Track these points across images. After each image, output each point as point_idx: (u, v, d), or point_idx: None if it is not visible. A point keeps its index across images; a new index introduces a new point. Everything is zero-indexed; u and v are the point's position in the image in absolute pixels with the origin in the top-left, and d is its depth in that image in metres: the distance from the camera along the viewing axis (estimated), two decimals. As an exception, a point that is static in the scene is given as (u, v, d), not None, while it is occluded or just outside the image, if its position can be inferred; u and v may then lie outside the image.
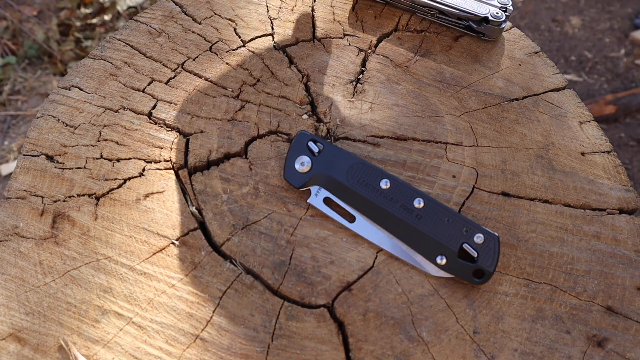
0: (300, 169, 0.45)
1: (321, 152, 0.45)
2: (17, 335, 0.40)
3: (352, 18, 0.59)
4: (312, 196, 0.45)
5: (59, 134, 0.50)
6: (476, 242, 0.41)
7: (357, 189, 0.43)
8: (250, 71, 0.55)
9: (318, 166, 0.44)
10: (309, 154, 0.45)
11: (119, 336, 0.40)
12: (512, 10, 0.56)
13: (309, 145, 0.45)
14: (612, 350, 0.40)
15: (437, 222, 0.42)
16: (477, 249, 0.41)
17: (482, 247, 0.41)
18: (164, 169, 0.48)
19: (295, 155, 0.45)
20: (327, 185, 0.44)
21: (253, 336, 0.40)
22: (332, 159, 0.44)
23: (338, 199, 0.44)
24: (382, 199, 0.43)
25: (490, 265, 0.41)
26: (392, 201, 0.42)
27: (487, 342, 0.40)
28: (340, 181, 0.43)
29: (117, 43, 0.57)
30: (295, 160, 0.45)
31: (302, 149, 0.45)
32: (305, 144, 0.45)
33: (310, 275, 0.42)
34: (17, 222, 0.45)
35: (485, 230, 0.41)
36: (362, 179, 0.43)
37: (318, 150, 0.45)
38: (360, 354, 0.39)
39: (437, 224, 0.42)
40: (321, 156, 0.45)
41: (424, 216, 0.42)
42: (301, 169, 0.45)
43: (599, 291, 0.42)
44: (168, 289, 0.42)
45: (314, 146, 0.45)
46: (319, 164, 0.44)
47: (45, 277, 0.43)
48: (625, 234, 0.45)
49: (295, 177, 0.45)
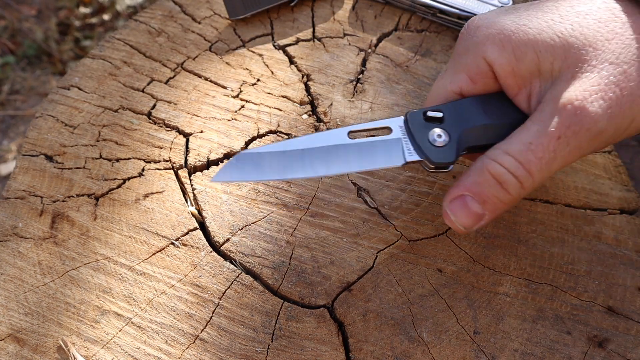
0: (441, 143, 0.37)
1: (445, 114, 0.38)
2: (16, 336, 0.40)
3: (352, 18, 0.59)
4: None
5: (58, 134, 0.50)
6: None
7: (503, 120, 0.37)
8: (250, 71, 0.54)
9: (456, 126, 0.37)
10: (436, 125, 0.37)
11: (118, 336, 0.40)
12: (512, 10, 0.56)
13: (428, 115, 0.37)
14: (613, 350, 0.39)
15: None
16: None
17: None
18: (163, 169, 0.48)
19: (425, 134, 0.37)
20: (478, 136, 0.37)
21: (253, 336, 0.40)
22: (461, 111, 0.38)
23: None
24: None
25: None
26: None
27: (488, 342, 0.40)
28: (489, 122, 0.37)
29: (117, 42, 0.57)
30: (429, 139, 0.37)
31: (424, 125, 0.37)
32: (422, 119, 0.37)
33: (310, 276, 0.42)
34: (16, 222, 0.45)
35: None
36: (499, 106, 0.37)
37: (442, 115, 0.37)
38: (361, 355, 0.39)
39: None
40: (449, 117, 0.37)
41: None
42: (441, 142, 0.37)
43: (600, 291, 0.42)
44: (167, 289, 0.42)
45: (435, 113, 0.37)
46: (454, 125, 0.37)
47: (44, 277, 0.43)
48: (626, 234, 0.45)
49: (445, 154, 0.37)
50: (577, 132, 0.31)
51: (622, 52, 0.31)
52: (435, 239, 0.44)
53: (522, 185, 0.34)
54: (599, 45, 0.31)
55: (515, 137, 0.34)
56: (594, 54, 0.31)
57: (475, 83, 0.37)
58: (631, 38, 0.31)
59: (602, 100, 0.31)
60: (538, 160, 0.33)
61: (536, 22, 0.34)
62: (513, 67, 0.34)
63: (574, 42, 0.32)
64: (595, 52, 0.31)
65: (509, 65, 0.34)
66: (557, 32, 0.33)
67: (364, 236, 0.44)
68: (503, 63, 0.34)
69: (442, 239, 0.44)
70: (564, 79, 0.32)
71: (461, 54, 0.37)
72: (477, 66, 0.36)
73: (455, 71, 0.37)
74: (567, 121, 0.31)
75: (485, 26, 0.36)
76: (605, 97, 0.31)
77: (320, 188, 0.46)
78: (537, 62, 0.33)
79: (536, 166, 0.33)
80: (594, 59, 0.31)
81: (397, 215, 0.45)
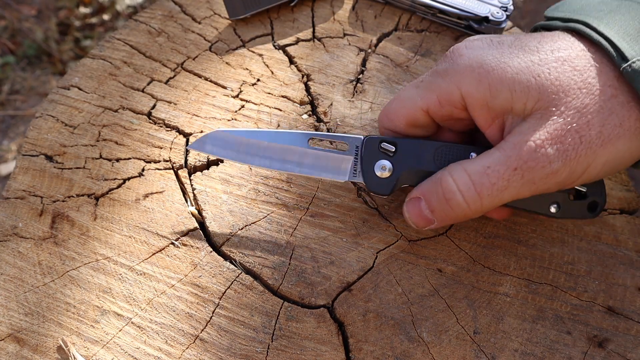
0: (382, 175, 0.40)
1: (397, 149, 0.40)
2: (16, 336, 0.40)
3: (352, 18, 0.59)
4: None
5: (58, 134, 0.50)
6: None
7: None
8: (250, 71, 0.54)
9: (401, 164, 0.40)
10: (385, 157, 0.41)
11: (118, 336, 0.40)
12: (512, 10, 0.56)
13: (382, 147, 0.40)
14: (613, 350, 0.39)
15: None
16: (584, 184, 0.40)
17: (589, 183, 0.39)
18: (163, 169, 0.48)
19: (372, 162, 0.41)
20: (417, 179, 0.40)
21: (253, 336, 0.40)
22: (412, 152, 0.40)
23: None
24: None
25: (601, 195, 0.40)
26: None
27: (488, 342, 0.40)
28: (431, 170, 0.40)
29: (117, 42, 0.57)
30: (373, 167, 0.40)
31: (375, 154, 0.41)
32: (377, 148, 0.41)
33: (310, 276, 0.42)
34: (16, 223, 0.45)
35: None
36: (451, 159, 0.40)
37: (394, 149, 0.40)
38: (361, 355, 0.39)
39: None
40: (399, 153, 0.40)
41: None
42: (383, 174, 0.40)
43: (600, 291, 0.42)
44: (168, 289, 0.42)
45: (388, 146, 0.40)
46: (400, 162, 0.40)
47: (44, 277, 0.43)
48: (626, 234, 0.45)
49: (381, 185, 0.40)
50: (532, 168, 0.34)
51: (590, 102, 0.33)
52: (435, 239, 0.44)
53: (469, 206, 0.36)
54: (570, 92, 0.33)
55: (478, 159, 0.36)
56: (565, 100, 0.33)
57: (443, 107, 0.38)
58: (600, 90, 0.33)
59: (561, 144, 0.33)
60: (491, 185, 0.35)
61: (517, 61, 0.35)
62: (487, 101, 0.36)
63: (549, 86, 0.34)
64: (565, 99, 0.33)
65: (483, 100, 0.36)
66: (534, 75, 0.34)
67: (364, 236, 0.44)
68: (478, 97, 0.36)
69: (442, 239, 0.44)
70: (534, 117, 0.34)
71: (440, 74, 0.38)
72: (449, 93, 0.37)
73: (429, 90, 0.38)
74: (526, 157, 0.34)
75: (468, 56, 0.37)
76: (565, 142, 0.33)
77: (320, 188, 0.46)
78: (510, 101, 0.35)
79: (488, 190, 0.35)
80: (563, 105, 0.33)
81: (397, 215, 0.45)
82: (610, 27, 0.35)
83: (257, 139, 0.42)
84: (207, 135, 0.42)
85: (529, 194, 0.35)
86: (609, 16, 0.35)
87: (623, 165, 0.35)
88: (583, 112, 0.33)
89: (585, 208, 0.40)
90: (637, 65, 0.33)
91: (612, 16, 0.35)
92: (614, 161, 0.34)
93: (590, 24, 0.35)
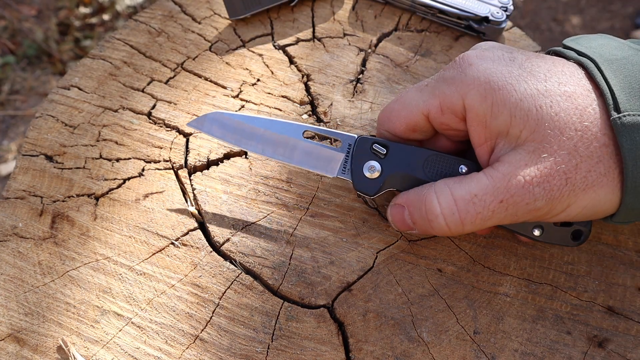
0: (371, 175, 0.41)
1: (388, 152, 0.41)
2: (16, 336, 0.40)
3: (352, 18, 0.59)
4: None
5: (58, 134, 0.50)
6: None
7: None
8: (250, 71, 0.54)
9: (389, 167, 0.41)
10: (375, 158, 0.41)
11: (118, 336, 0.40)
12: (512, 10, 0.56)
13: (374, 148, 0.41)
14: (613, 350, 0.39)
15: None
16: None
17: None
18: (163, 169, 0.48)
19: (362, 162, 0.41)
20: (403, 184, 0.41)
21: (253, 336, 0.40)
22: (402, 157, 0.41)
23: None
24: None
25: (586, 225, 0.40)
26: None
27: (488, 342, 0.40)
28: (418, 177, 0.40)
29: (117, 42, 0.57)
30: (362, 167, 0.41)
31: (366, 154, 0.41)
32: (369, 148, 0.41)
33: (310, 276, 0.42)
34: (16, 223, 0.45)
35: None
36: (440, 170, 0.40)
37: (385, 152, 0.41)
38: (361, 355, 0.39)
39: None
40: (390, 157, 0.41)
41: None
42: (372, 175, 0.41)
43: (600, 291, 0.42)
44: (168, 289, 0.42)
45: (380, 148, 0.41)
46: (389, 165, 0.41)
47: (44, 277, 0.43)
48: (626, 234, 0.45)
49: (368, 185, 0.41)
50: (517, 203, 0.34)
51: (582, 146, 0.33)
52: (435, 239, 0.44)
53: (450, 229, 0.36)
54: (566, 132, 0.33)
55: (466, 182, 0.36)
56: (559, 139, 0.33)
57: (443, 114, 0.38)
58: (594, 136, 0.33)
59: (548, 183, 0.33)
60: (475, 215, 0.35)
61: (524, 86, 0.35)
62: (487, 120, 0.35)
63: (548, 120, 0.34)
64: (560, 138, 0.33)
65: (483, 117, 0.36)
66: (537, 105, 0.34)
67: (364, 236, 0.44)
68: (479, 113, 0.36)
69: (442, 239, 0.44)
70: (526, 149, 0.34)
71: (446, 81, 0.38)
72: (452, 101, 0.37)
73: (432, 95, 0.38)
74: (513, 191, 0.34)
75: (477, 67, 0.36)
76: (552, 182, 0.33)
77: (320, 188, 0.46)
78: (508, 125, 0.35)
79: (471, 219, 0.35)
80: (557, 144, 0.33)
81: (397, 215, 0.45)
82: (616, 74, 0.34)
83: (253, 124, 0.43)
84: (207, 115, 0.43)
85: (509, 222, 0.36)
86: (620, 63, 0.35)
87: (601, 213, 0.35)
88: (574, 154, 0.33)
89: (569, 235, 0.40)
90: (627, 120, 0.32)
91: (622, 64, 0.35)
92: (593, 208, 0.35)
93: (600, 65, 0.35)
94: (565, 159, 0.33)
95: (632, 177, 0.33)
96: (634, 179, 0.33)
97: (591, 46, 0.37)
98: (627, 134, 0.32)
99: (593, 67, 0.35)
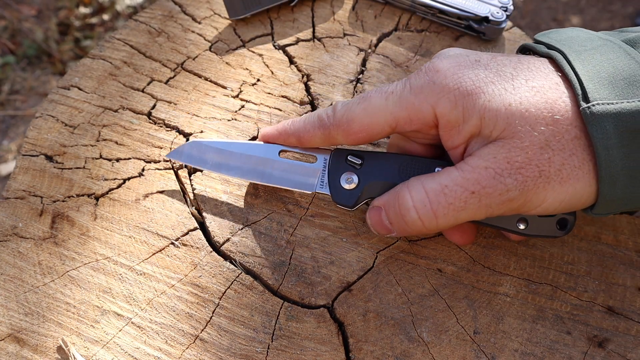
0: (348, 187, 0.41)
1: (363, 162, 0.41)
2: (16, 336, 0.40)
3: (352, 18, 0.59)
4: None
5: (58, 134, 0.50)
6: None
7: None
8: (250, 71, 0.54)
9: (366, 177, 0.41)
10: (351, 169, 0.41)
11: (118, 336, 0.40)
12: (512, 10, 0.56)
13: (349, 159, 0.41)
14: (613, 350, 0.39)
15: None
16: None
17: None
18: (163, 169, 0.48)
19: (338, 174, 0.41)
20: (381, 192, 0.41)
21: (253, 337, 0.40)
22: (378, 165, 0.41)
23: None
24: None
25: (572, 213, 0.39)
26: None
27: (488, 342, 0.40)
28: (395, 183, 0.40)
29: (117, 42, 0.57)
30: (339, 179, 0.41)
31: (342, 166, 0.42)
32: (344, 160, 0.42)
33: (310, 276, 0.42)
34: (16, 223, 0.45)
35: None
36: (416, 173, 0.40)
37: (360, 162, 0.41)
38: (361, 355, 0.39)
39: None
40: (365, 166, 0.41)
41: None
42: (349, 186, 0.41)
43: (600, 291, 0.42)
44: (167, 289, 0.42)
45: (355, 159, 0.41)
46: (366, 175, 0.41)
47: (44, 277, 0.43)
48: (626, 234, 0.45)
49: (346, 197, 0.41)
50: (490, 194, 0.34)
51: (553, 140, 0.33)
52: (435, 239, 0.44)
53: (423, 224, 0.36)
54: (536, 127, 0.33)
55: (437, 176, 0.36)
56: (530, 134, 0.33)
57: (412, 124, 0.37)
58: (565, 129, 0.33)
59: (520, 175, 0.33)
60: (447, 205, 0.35)
61: (491, 88, 0.35)
62: (459, 125, 0.35)
63: (517, 116, 0.33)
64: (531, 133, 0.33)
65: (455, 123, 0.36)
66: (505, 103, 0.34)
67: (364, 236, 0.44)
68: (451, 120, 0.36)
69: (442, 239, 0.44)
70: (497, 145, 0.34)
71: (414, 91, 0.37)
72: (422, 112, 0.37)
73: (400, 106, 0.37)
74: (484, 182, 0.34)
75: (445, 74, 0.36)
76: (525, 173, 0.33)
77: (320, 188, 0.46)
78: (479, 127, 0.35)
79: (443, 210, 0.35)
80: (528, 139, 0.33)
81: (397, 215, 0.45)
82: (584, 65, 0.34)
83: (231, 150, 0.44)
84: (184, 145, 0.45)
85: (485, 216, 0.36)
86: (588, 53, 0.35)
87: (581, 205, 0.35)
88: (546, 148, 0.33)
89: (554, 225, 0.40)
90: (596, 109, 0.32)
91: (591, 54, 0.35)
92: (571, 201, 0.34)
93: (568, 56, 0.35)
94: (537, 153, 0.33)
95: (606, 167, 0.32)
96: (608, 169, 0.32)
97: (561, 39, 0.37)
98: (596, 123, 0.32)
99: (561, 58, 0.35)
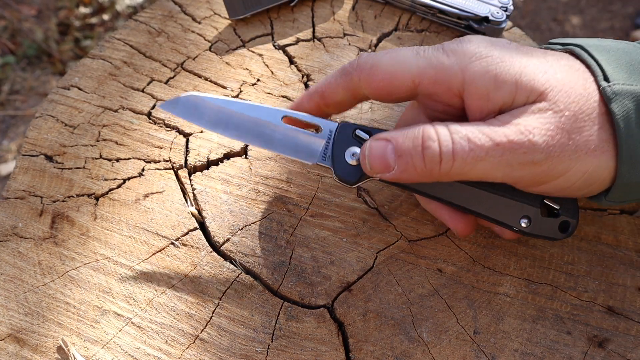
0: (353, 162, 0.38)
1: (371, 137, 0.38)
2: (16, 336, 0.40)
3: (352, 18, 0.59)
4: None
5: (58, 134, 0.50)
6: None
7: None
8: (250, 71, 0.54)
9: None
10: (358, 144, 0.39)
11: (118, 336, 0.40)
12: (512, 10, 0.56)
13: (356, 134, 0.39)
14: (613, 350, 0.39)
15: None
16: (557, 202, 0.39)
17: (561, 199, 0.38)
18: (163, 169, 0.48)
19: (343, 148, 0.39)
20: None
21: (253, 337, 0.40)
22: None
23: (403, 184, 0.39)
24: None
25: (574, 216, 0.39)
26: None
27: (488, 342, 0.40)
28: None
29: (117, 42, 0.57)
30: (344, 153, 0.39)
31: (348, 140, 0.39)
32: (351, 134, 0.39)
33: (310, 276, 0.42)
34: (16, 223, 0.45)
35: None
36: None
37: (368, 138, 0.38)
38: (361, 355, 0.39)
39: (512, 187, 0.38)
40: None
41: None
42: (354, 161, 0.38)
43: (600, 291, 0.42)
44: (167, 289, 0.42)
45: (363, 134, 0.39)
46: None
47: (44, 277, 0.43)
48: (626, 234, 0.45)
49: (349, 173, 0.39)
50: (514, 149, 0.32)
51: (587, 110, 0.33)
52: (435, 239, 0.44)
53: (440, 164, 0.34)
54: (572, 95, 0.33)
55: (462, 125, 0.34)
56: (566, 100, 0.33)
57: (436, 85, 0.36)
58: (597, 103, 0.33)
59: (550, 137, 0.32)
60: (469, 150, 0.33)
61: (525, 58, 0.34)
62: (489, 92, 0.34)
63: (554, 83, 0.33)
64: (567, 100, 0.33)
65: (485, 90, 0.34)
66: (542, 70, 0.34)
67: (364, 236, 0.44)
68: (480, 86, 0.34)
69: (442, 239, 0.44)
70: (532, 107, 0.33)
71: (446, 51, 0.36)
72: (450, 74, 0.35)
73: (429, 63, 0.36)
74: (512, 136, 0.32)
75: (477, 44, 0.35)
76: (554, 137, 0.32)
77: (320, 188, 0.46)
78: (513, 94, 0.34)
79: (463, 154, 0.33)
80: (564, 104, 0.33)
81: (397, 215, 0.45)
82: (602, 54, 0.35)
83: (230, 108, 0.40)
84: (180, 97, 0.40)
85: (502, 176, 0.34)
86: (605, 47, 0.36)
87: (599, 183, 0.35)
88: (579, 117, 0.33)
89: (556, 227, 0.39)
90: (617, 88, 0.33)
91: (605, 49, 0.36)
92: (593, 175, 0.34)
93: (586, 48, 0.36)
94: (571, 120, 0.33)
95: (627, 145, 0.32)
96: (628, 148, 0.33)
97: (575, 40, 0.38)
98: (618, 100, 0.32)
99: (580, 50, 0.36)
